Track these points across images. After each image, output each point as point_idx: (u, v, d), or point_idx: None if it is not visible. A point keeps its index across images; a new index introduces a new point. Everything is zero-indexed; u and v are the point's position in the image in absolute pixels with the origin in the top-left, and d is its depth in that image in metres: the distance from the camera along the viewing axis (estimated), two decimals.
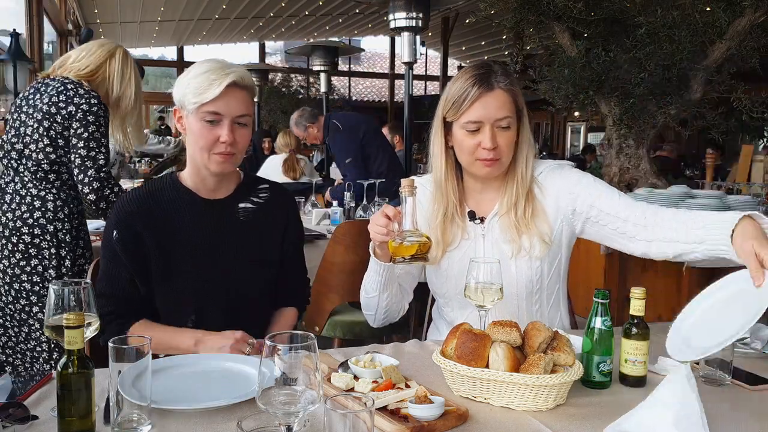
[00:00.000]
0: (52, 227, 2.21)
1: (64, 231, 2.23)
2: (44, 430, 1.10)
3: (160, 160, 5.71)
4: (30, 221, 2.19)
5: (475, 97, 1.55)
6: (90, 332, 1.24)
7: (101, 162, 2.20)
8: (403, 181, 1.41)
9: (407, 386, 1.24)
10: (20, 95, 2.33)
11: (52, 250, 2.21)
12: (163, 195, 1.64)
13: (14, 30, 5.20)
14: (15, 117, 2.27)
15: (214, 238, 1.64)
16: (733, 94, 4.01)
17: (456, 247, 1.68)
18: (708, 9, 3.87)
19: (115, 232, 1.60)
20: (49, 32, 7.66)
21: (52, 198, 2.23)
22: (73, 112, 2.19)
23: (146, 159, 8.01)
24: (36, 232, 2.19)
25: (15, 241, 2.18)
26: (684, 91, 4.18)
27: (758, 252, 1.30)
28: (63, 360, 1.02)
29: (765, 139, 8.08)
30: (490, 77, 1.56)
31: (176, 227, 1.62)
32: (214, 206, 1.66)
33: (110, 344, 1.04)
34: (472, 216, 1.69)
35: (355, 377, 1.29)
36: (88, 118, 2.19)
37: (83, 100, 2.21)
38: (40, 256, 2.20)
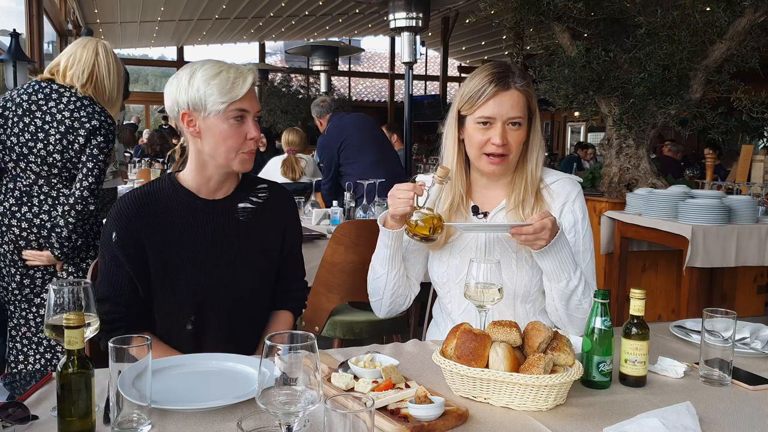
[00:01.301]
0: (88, 224, 2.29)
1: (98, 224, 2.34)
2: (44, 430, 1.10)
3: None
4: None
5: (491, 94, 1.60)
6: (90, 332, 1.24)
7: (98, 181, 2.28)
8: (439, 168, 1.53)
9: (407, 386, 1.24)
10: (22, 95, 2.29)
11: (89, 241, 2.32)
12: (161, 196, 1.63)
13: (14, 30, 5.19)
14: (27, 121, 2.25)
15: (214, 238, 1.63)
16: (733, 94, 4.01)
17: (458, 237, 1.70)
18: (708, 9, 3.87)
19: (114, 234, 1.58)
20: (49, 32, 7.67)
21: None
22: (97, 127, 2.27)
23: (146, 159, 7.99)
24: (72, 228, 2.26)
25: (53, 239, 2.26)
26: (684, 91, 4.18)
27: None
28: (63, 360, 1.02)
29: (765, 139, 8.07)
30: (507, 77, 1.62)
31: (175, 228, 1.61)
32: (213, 207, 1.64)
33: (110, 344, 1.04)
34: (476, 210, 1.72)
35: (355, 377, 1.28)
36: (108, 144, 2.29)
37: (104, 120, 2.29)
38: (77, 250, 2.30)
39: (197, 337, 1.64)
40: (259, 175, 4.85)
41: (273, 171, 5.11)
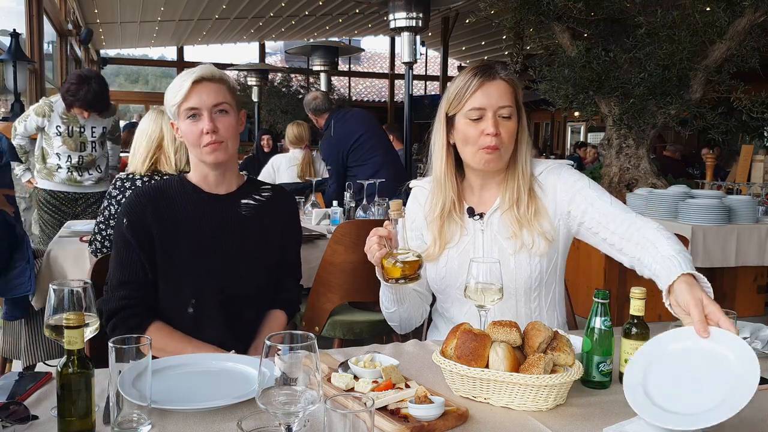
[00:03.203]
0: None
1: None
2: (44, 430, 1.10)
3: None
4: None
5: (477, 86, 1.59)
6: (90, 332, 1.24)
7: None
8: (392, 204, 1.47)
9: (407, 386, 1.24)
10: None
11: None
12: (170, 188, 1.74)
13: (14, 30, 5.20)
14: None
15: (216, 230, 1.71)
16: (733, 94, 4.01)
17: (455, 244, 1.69)
18: (708, 9, 3.88)
19: (125, 219, 1.68)
20: (49, 32, 7.66)
21: None
22: None
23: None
24: None
25: None
26: (684, 91, 4.18)
27: (706, 304, 1.24)
28: (63, 360, 1.02)
29: (765, 139, 8.07)
30: (491, 68, 1.61)
31: (181, 218, 1.70)
32: (217, 200, 1.74)
33: (110, 344, 1.04)
34: (471, 212, 1.70)
35: (355, 377, 1.29)
36: None
37: None
38: None
39: (198, 321, 1.69)
40: (261, 176, 4.81)
41: (283, 172, 4.98)
